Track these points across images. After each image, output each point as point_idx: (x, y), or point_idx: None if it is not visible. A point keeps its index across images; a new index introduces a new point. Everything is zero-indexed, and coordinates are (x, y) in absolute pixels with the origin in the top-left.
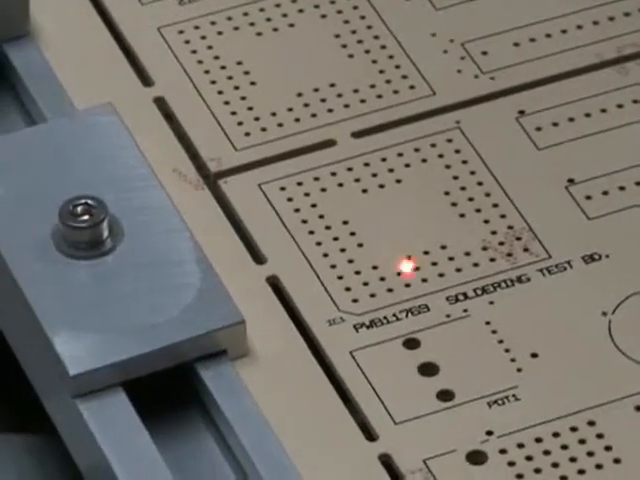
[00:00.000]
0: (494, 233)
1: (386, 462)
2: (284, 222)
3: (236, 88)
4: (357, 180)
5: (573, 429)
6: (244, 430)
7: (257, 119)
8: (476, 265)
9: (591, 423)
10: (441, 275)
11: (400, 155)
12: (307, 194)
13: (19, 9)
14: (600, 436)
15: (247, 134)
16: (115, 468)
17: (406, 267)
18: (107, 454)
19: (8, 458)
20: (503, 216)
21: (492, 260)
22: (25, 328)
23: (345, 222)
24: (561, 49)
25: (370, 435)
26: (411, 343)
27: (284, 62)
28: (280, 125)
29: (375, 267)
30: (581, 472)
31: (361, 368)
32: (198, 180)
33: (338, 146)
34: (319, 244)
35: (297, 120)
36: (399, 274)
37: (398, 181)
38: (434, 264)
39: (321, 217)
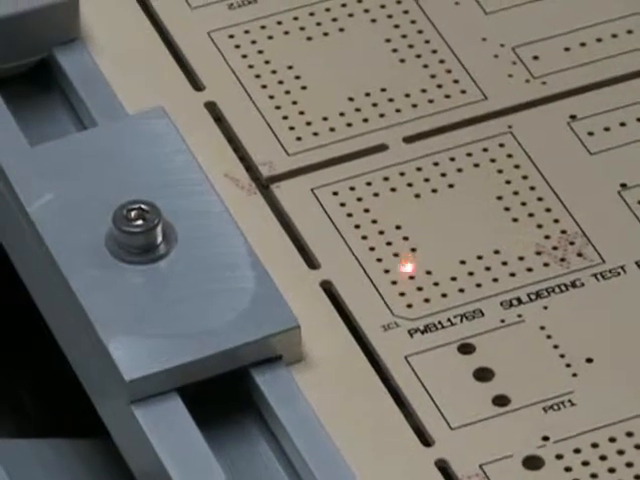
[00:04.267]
0: (547, 238)
1: (442, 467)
2: (337, 227)
3: (287, 92)
4: (409, 185)
5: (629, 434)
6: (300, 435)
7: (309, 124)
8: (530, 270)
9: None
10: (495, 280)
11: (452, 160)
12: (360, 199)
13: (69, 13)
14: None
15: (299, 138)
16: (171, 473)
17: (407, 268)
18: (163, 460)
19: (58, 464)
20: (556, 221)
21: (546, 265)
22: (79, 333)
23: (398, 227)
24: (612, 53)
25: (426, 440)
26: (466, 348)
27: (335, 66)
28: (332, 130)
29: (429, 272)
30: (638, 477)
31: (416, 373)
32: (250, 185)
33: (390, 151)
34: (372, 249)
35: (349, 125)
36: (453, 279)
37: (451, 186)
38: (487, 269)
39: (374, 222)
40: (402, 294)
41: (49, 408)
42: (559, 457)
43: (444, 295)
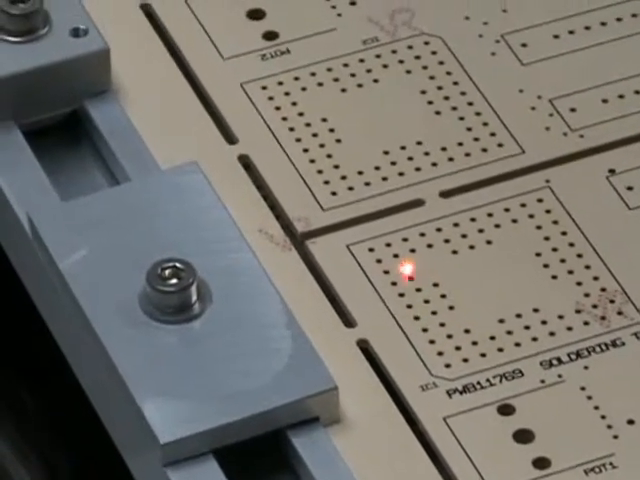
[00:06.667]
0: (587, 295)
1: None
2: (374, 284)
3: (321, 146)
4: (447, 241)
5: None
6: None
7: (344, 178)
8: (570, 329)
9: None
10: (534, 339)
11: (490, 215)
12: (396, 255)
13: (100, 65)
14: None
15: (334, 193)
16: None
17: (407, 269)
18: None
19: None
20: (596, 278)
21: (586, 324)
22: (112, 393)
23: (435, 284)
24: None
25: None
26: (506, 409)
27: (369, 119)
28: (367, 184)
29: (467, 331)
30: None
31: (455, 435)
32: (285, 241)
33: (426, 206)
34: (410, 307)
35: (384, 179)
36: (492, 338)
37: (488, 242)
38: (527, 328)
39: (411, 279)
40: (440, 353)
41: (49, 408)
42: None
43: (483, 355)
